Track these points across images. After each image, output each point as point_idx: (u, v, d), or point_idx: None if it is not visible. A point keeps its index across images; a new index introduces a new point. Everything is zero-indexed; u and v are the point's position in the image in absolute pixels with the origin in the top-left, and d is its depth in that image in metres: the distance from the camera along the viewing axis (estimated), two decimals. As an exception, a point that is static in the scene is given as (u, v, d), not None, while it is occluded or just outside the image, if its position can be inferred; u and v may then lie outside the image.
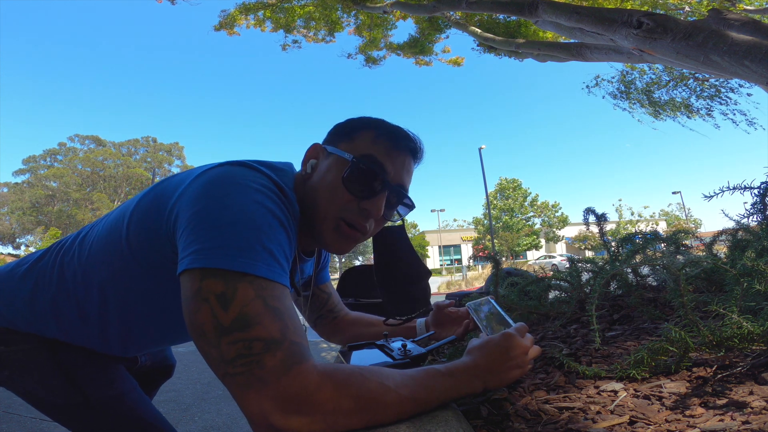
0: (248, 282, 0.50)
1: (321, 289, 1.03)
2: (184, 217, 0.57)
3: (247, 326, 0.48)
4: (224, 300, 0.49)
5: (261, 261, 0.52)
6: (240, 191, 0.57)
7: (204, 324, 0.49)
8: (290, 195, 0.65)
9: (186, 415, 2.89)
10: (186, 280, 0.52)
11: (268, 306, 0.50)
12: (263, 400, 0.45)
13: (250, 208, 0.56)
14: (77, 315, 0.73)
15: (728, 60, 2.42)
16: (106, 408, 0.76)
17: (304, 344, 0.50)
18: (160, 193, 0.67)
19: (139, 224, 0.67)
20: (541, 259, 27.68)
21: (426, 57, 7.43)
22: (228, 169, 0.62)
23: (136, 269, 0.68)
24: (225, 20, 6.67)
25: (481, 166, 20.58)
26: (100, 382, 0.76)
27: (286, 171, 0.73)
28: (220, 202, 0.56)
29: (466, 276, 20.58)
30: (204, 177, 0.61)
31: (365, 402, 0.48)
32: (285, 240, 0.58)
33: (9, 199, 33.23)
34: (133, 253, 0.67)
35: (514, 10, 3.95)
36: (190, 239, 0.54)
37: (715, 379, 0.54)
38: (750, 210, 0.92)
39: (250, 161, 0.66)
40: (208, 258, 0.51)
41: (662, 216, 40.77)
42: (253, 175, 0.61)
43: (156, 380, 1.06)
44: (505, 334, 0.61)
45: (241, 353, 0.47)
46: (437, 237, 42.52)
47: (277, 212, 0.59)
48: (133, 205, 0.70)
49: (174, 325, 0.78)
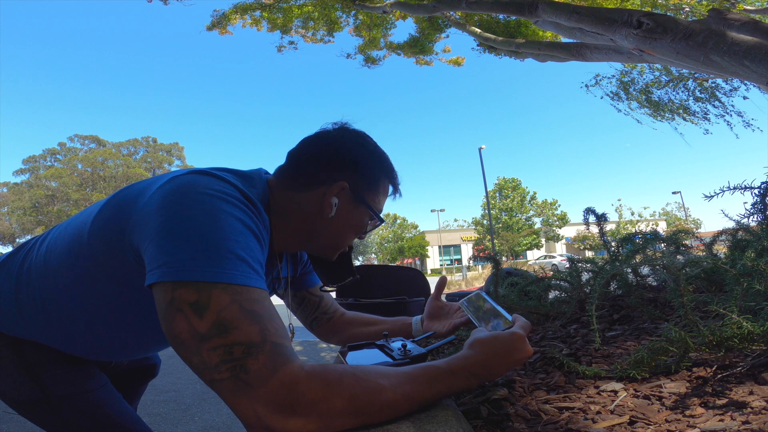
0: (221, 289, 0.49)
1: (310, 292, 1.02)
2: (149, 228, 0.55)
3: (225, 331, 0.47)
4: (198, 308, 0.48)
5: (233, 269, 0.51)
6: (205, 201, 0.56)
7: (181, 333, 0.48)
8: (258, 204, 0.64)
9: (186, 415, 2.89)
10: (158, 292, 0.51)
11: (245, 310, 0.49)
12: (255, 405, 0.45)
13: (218, 217, 0.54)
14: (42, 317, 0.71)
15: (728, 60, 2.42)
16: (67, 405, 0.75)
17: (286, 345, 0.50)
18: (120, 202, 0.65)
19: (100, 234, 0.65)
20: (541, 259, 27.69)
21: (426, 57, 7.41)
22: (192, 177, 0.60)
23: (99, 276, 0.67)
24: (217, 20, 6.56)
25: (481, 166, 20.59)
26: (64, 380, 0.75)
27: (254, 179, 0.72)
28: (186, 212, 0.54)
29: (466, 276, 20.57)
30: (167, 186, 0.59)
31: (360, 401, 0.47)
32: (256, 246, 0.57)
33: (9, 199, 33.19)
34: (95, 260, 0.66)
35: (514, 10, 3.94)
36: (156, 252, 0.53)
37: (715, 379, 0.54)
38: (750, 210, 0.92)
39: (215, 169, 0.65)
40: (177, 270, 0.50)
41: (662, 216, 40.78)
42: (219, 183, 0.60)
43: (139, 379, 1.04)
44: (515, 334, 0.59)
45: (223, 358, 0.46)
46: (437, 237, 42.52)
47: (246, 220, 0.58)
48: (95, 213, 0.68)
49: (144, 333, 0.77)
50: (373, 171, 0.79)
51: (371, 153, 0.80)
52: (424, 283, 1.86)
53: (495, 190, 35.18)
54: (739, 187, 0.87)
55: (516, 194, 34.82)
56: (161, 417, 2.85)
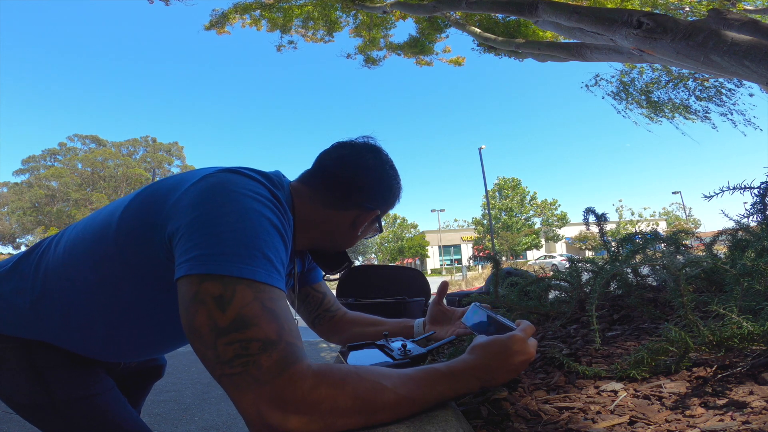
0: (246, 285, 0.51)
1: (314, 288, 1.03)
2: (182, 223, 0.57)
3: (245, 327, 0.48)
4: (222, 302, 0.49)
5: (259, 266, 0.53)
6: (238, 199, 0.58)
7: (201, 326, 0.49)
8: (285, 206, 0.66)
9: (186, 415, 2.89)
10: (184, 284, 0.52)
11: (266, 308, 0.50)
12: (259, 401, 0.45)
13: (249, 216, 0.56)
14: (59, 319, 0.71)
15: (728, 60, 2.42)
16: (72, 410, 0.74)
17: (299, 345, 0.51)
18: (150, 199, 0.66)
19: (130, 229, 0.65)
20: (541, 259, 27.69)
21: (426, 57, 7.41)
22: (225, 176, 0.62)
23: (125, 275, 0.67)
24: (216, 19, 6.54)
25: (481, 166, 20.59)
26: (69, 384, 0.75)
27: (277, 181, 0.74)
28: (219, 209, 0.56)
29: (466, 276, 20.58)
30: (201, 184, 0.61)
31: (362, 401, 0.48)
32: (281, 247, 0.59)
33: (9, 199, 33.19)
34: (122, 257, 0.66)
35: (514, 10, 3.95)
36: (188, 245, 0.54)
37: (715, 379, 0.54)
38: (750, 210, 0.92)
39: (244, 168, 0.67)
40: (207, 263, 0.51)
41: (662, 216, 40.79)
42: (250, 183, 0.62)
43: (145, 381, 1.04)
44: (514, 337, 0.59)
45: (238, 353, 0.47)
46: (437, 237, 42.52)
47: (274, 220, 0.59)
48: (122, 208, 0.68)
49: (162, 335, 0.77)
50: (395, 197, 0.89)
51: (397, 182, 0.88)
52: (424, 283, 1.85)
53: (495, 190, 35.19)
54: (738, 187, 0.87)
55: (516, 194, 34.83)
56: (161, 417, 2.85)
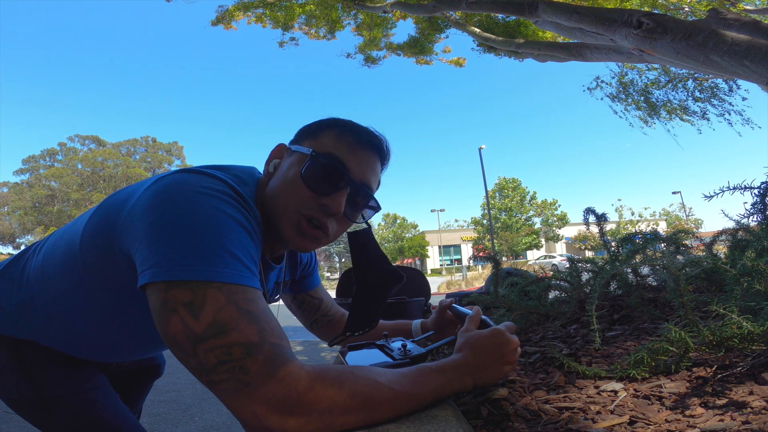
0: (216, 288, 0.48)
1: (311, 295, 1.02)
2: (139, 228, 0.54)
3: (223, 332, 0.47)
4: (193, 308, 0.47)
5: (227, 266, 0.50)
6: (195, 198, 0.54)
7: (176, 334, 0.48)
8: (250, 201, 0.63)
9: (186, 415, 2.89)
10: (151, 292, 0.50)
11: (242, 310, 0.49)
12: (255, 405, 0.45)
13: (209, 214, 0.53)
14: (43, 322, 0.72)
15: (728, 60, 2.42)
16: (59, 406, 0.75)
17: (284, 345, 0.50)
18: (109, 208, 0.64)
19: (91, 241, 0.65)
20: (541, 259, 27.68)
21: (426, 56, 7.42)
22: (181, 176, 0.59)
23: (93, 284, 0.67)
24: (222, 15, 6.62)
25: (482, 166, 20.58)
26: (58, 381, 0.75)
27: (245, 177, 0.70)
28: (176, 210, 0.53)
29: (466, 276, 20.57)
30: (154, 187, 0.57)
31: (361, 399, 0.48)
32: (249, 242, 0.56)
33: (9, 199, 33.20)
34: (87, 269, 0.66)
35: (514, 10, 3.94)
36: (147, 252, 0.51)
37: (715, 379, 0.54)
38: (750, 210, 0.92)
39: (205, 167, 0.64)
40: (170, 269, 0.49)
41: (662, 216, 40.78)
42: (208, 180, 0.58)
43: (142, 379, 1.04)
44: (494, 330, 0.62)
45: (221, 360, 0.46)
46: (437, 237, 42.51)
47: (238, 216, 0.56)
48: (85, 221, 0.68)
49: (141, 336, 0.77)
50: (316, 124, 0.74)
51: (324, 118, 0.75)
52: (424, 283, 1.85)
53: (495, 190, 35.16)
54: (739, 187, 0.87)
55: (516, 194, 34.82)
56: (161, 417, 2.85)
